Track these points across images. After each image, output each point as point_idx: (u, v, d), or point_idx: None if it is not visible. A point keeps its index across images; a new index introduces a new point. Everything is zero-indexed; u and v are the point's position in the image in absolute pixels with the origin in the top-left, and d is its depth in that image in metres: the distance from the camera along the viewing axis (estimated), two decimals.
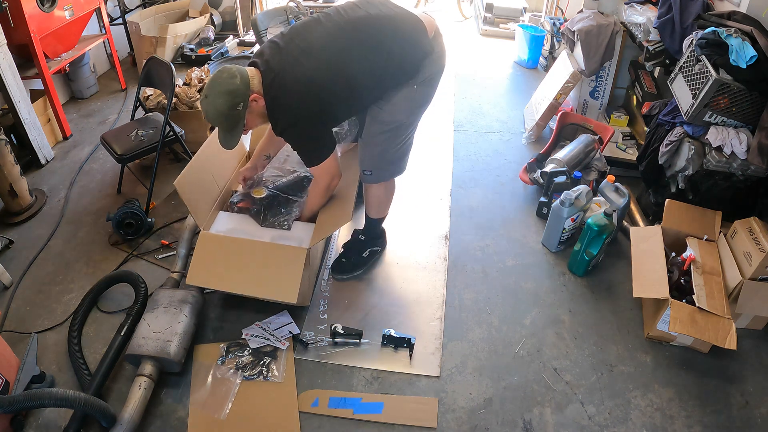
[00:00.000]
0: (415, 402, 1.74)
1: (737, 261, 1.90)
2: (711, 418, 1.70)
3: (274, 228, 2.03)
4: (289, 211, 2.08)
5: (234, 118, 1.65)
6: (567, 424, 1.68)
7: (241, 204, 2.11)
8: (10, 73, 2.65)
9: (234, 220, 2.07)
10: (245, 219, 2.07)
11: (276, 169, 2.25)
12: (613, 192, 2.28)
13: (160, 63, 2.55)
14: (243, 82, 1.61)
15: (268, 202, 2.09)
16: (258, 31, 3.16)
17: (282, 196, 2.12)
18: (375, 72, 1.70)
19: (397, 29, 1.71)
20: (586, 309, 2.08)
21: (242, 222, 2.06)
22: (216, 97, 1.61)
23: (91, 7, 3.29)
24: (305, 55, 1.64)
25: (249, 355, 1.85)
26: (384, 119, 1.80)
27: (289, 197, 2.12)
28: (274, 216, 2.07)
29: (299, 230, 2.04)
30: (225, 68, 1.64)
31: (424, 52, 1.74)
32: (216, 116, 1.64)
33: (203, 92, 1.66)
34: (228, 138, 1.71)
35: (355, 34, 1.68)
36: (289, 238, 1.99)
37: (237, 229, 2.02)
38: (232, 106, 1.62)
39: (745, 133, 1.94)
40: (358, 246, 2.21)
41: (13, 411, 1.46)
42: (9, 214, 2.53)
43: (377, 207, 2.10)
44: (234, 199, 2.13)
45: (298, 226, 2.05)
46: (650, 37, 2.57)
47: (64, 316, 2.03)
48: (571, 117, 2.95)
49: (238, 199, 2.13)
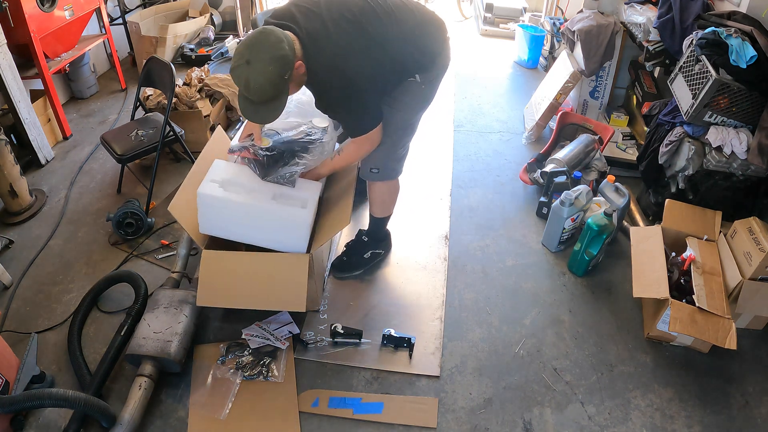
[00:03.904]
0: (415, 402, 1.74)
1: (737, 261, 1.90)
2: (711, 418, 1.70)
3: (277, 183, 1.85)
4: (295, 165, 1.86)
5: (281, 87, 1.53)
6: (567, 424, 1.68)
7: (242, 153, 1.90)
8: (10, 73, 2.65)
9: (231, 170, 1.87)
10: (244, 170, 1.88)
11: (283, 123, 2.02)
12: (613, 192, 2.28)
13: (160, 63, 2.55)
14: (290, 47, 1.50)
15: (272, 154, 1.86)
16: None
17: (288, 151, 1.88)
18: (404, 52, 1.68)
19: (425, 19, 1.73)
20: (586, 309, 2.08)
21: (240, 173, 1.87)
22: (264, 63, 1.47)
23: (91, 7, 3.29)
24: (346, 21, 1.59)
25: (249, 355, 1.85)
26: (390, 117, 1.79)
27: (295, 152, 1.89)
28: (277, 170, 1.85)
29: (303, 189, 1.86)
30: (268, 30, 1.51)
31: (440, 48, 1.76)
32: (263, 85, 1.50)
33: (239, 57, 1.49)
34: (269, 110, 1.58)
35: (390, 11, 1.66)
36: (291, 196, 1.82)
37: (233, 181, 1.82)
38: (282, 74, 1.50)
39: (745, 133, 1.94)
40: (360, 246, 2.21)
41: (13, 411, 1.46)
42: (9, 214, 2.53)
43: (381, 205, 2.10)
44: (234, 147, 1.92)
45: (302, 184, 1.88)
46: (650, 37, 2.57)
47: (64, 316, 2.03)
48: (571, 117, 2.95)
49: (238, 147, 1.91)
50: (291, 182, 1.85)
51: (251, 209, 1.79)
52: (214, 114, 3.03)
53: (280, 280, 1.80)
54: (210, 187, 1.79)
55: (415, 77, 1.75)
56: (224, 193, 1.78)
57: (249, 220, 1.81)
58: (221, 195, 1.77)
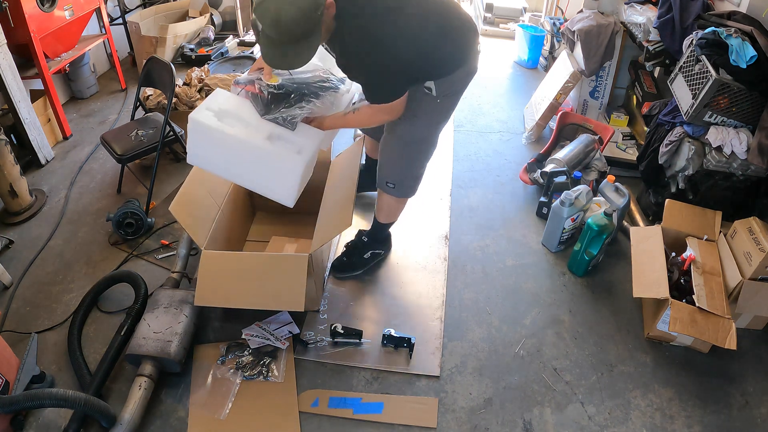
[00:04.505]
0: (415, 402, 1.74)
1: (737, 261, 1.90)
2: (711, 418, 1.70)
3: (276, 123, 1.72)
4: (299, 108, 1.72)
5: (313, 23, 1.38)
6: (567, 424, 1.68)
7: (247, 87, 1.77)
8: (10, 73, 2.65)
9: (232, 102, 1.76)
10: (245, 104, 1.77)
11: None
12: (613, 192, 2.28)
13: (160, 63, 2.55)
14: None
15: (278, 93, 1.73)
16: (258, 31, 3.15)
17: (297, 92, 1.75)
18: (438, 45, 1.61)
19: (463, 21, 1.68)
20: (586, 309, 2.08)
21: (241, 106, 1.76)
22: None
23: (91, 7, 3.29)
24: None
25: (249, 355, 1.85)
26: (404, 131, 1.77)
27: (304, 96, 1.75)
28: (280, 109, 1.73)
29: (303, 134, 1.74)
30: None
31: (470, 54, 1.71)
32: (296, 18, 1.35)
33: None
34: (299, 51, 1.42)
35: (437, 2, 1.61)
36: (288, 139, 1.70)
37: (231, 113, 1.71)
38: (315, 7, 1.36)
39: (745, 133, 1.94)
40: (360, 247, 2.20)
41: (13, 411, 1.46)
42: (9, 214, 2.53)
43: (387, 213, 2.10)
44: (240, 80, 1.80)
45: (303, 130, 1.75)
46: (650, 37, 2.57)
47: (64, 316, 2.03)
48: (571, 117, 2.95)
49: (244, 80, 1.79)
50: (291, 125, 1.71)
51: (243, 145, 1.68)
52: None
53: (279, 280, 1.80)
54: (204, 115, 1.68)
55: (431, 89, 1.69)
56: (218, 124, 1.67)
57: (239, 157, 1.71)
58: (214, 125, 1.67)
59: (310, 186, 2.32)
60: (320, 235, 1.87)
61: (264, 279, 1.81)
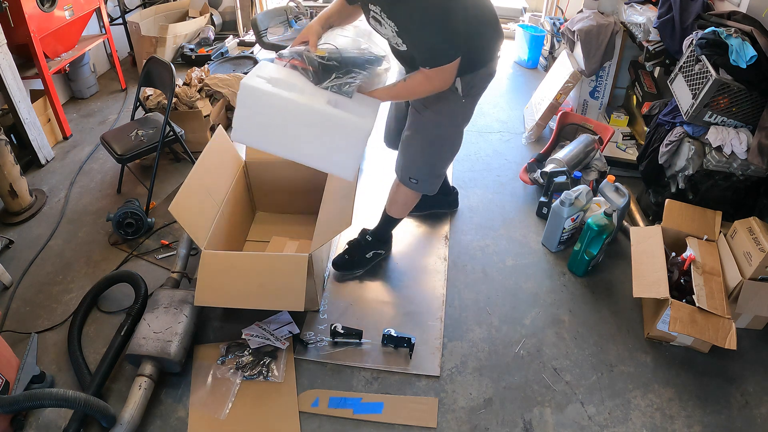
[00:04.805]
0: (415, 402, 1.74)
1: (737, 261, 1.90)
2: (711, 418, 1.70)
3: (332, 91, 1.63)
4: (350, 78, 1.64)
5: None
6: (567, 424, 1.68)
7: (293, 61, 1.68)
8: (10, 73, 2.65)
9: (282, 72, 1.64)
10: (294, 74, 1.65)
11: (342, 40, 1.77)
12: (613, 192, 2.28)
13: (160, 63, 2.55)
14: None
15: (328, 63, 1.63)
16: (258, 31, 3.16)
17: (344, 64, 1.66)
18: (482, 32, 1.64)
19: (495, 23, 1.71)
20: (586, 309, 2.08)
21: (291, 75, 1.64)
22: None
23: (91, 7, 3.29)
24: None
25: (249, 355, 1.85)
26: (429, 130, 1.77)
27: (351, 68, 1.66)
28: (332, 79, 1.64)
29: (361, 102, 1.64)
30: None
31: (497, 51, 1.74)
32: None
33: None
34: None
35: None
36: (348, 106, 1.59)
37: (284, 81, 1.59)
38: None
39: (745, 133, 1.94)
40: (363, 245, 2.20)
41: (13, 411, 1.46)
42: (9, 214, 2.53)
43: (401, 207, 2.09)
44: (284, 54, 1.69)
45: (359, 97, 1.66)
46: (650, 37, 2.57)
47: (64, 316, 2.03)
48: (571, 117, 2.95)
49: (289, 54, 1.68)
50: (348, 93, 1.63)
51: (303, 111, 1.55)
52: (214, 114, 3.03)
53: (279, 280, 1.80)
54: (257, 81, 1.54)
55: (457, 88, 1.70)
56: (274, 89, 1.54)
57: (297, 125, 1.58)
58: (271, 90, 1.53)
59: (310, 186, 2.34)
60: (320, 235, 1.87)
61: (264, 279, 1.81)
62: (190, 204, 1.92)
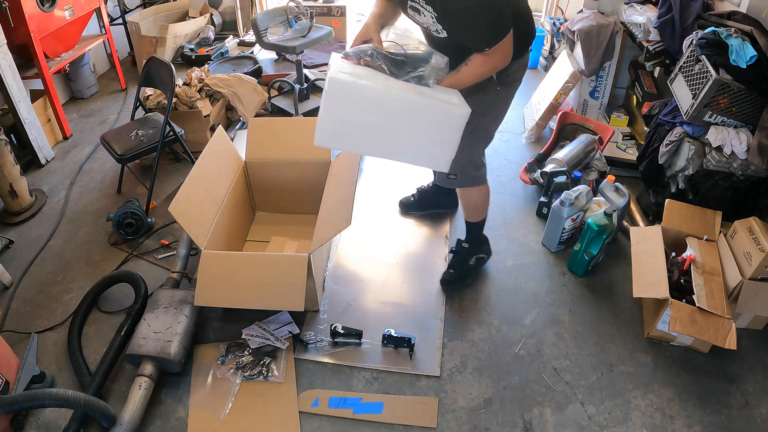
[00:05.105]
0: (415, 402, 1.74)
1: (737, 261, 1.90)
2: (711, 418, 1.70)
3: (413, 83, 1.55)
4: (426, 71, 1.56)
5: None
6: (567, 424, 1.68)
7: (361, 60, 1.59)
8: (10, 73, 2.65)
9: (359, 68, 1.54)
10: (369, 69, 1.56)
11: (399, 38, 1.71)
12: (613, 192, 2.28)
13: (160, 63, 2.55)
14: None
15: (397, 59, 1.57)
16: (258, 31, 3.16)
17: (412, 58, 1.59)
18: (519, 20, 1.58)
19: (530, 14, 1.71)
20: (586, 309, 2.08)
21: (368, 70, 1.55)
22: None
23: (91, 7, 3.29)
24: None
25: (249, 355, 1.85)
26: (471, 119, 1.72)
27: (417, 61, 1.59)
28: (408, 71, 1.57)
29: (443, 90, 1.57)
30: None
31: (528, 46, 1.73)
32: None
33: None
34: None
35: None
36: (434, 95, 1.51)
37: (365, 75, 1.49)
38: None
39: (745, 133, 1.94)
40: (463, 255, 2.15)
41: (13, 411, 1.46)
42: (9, 214, 2.53)
43: (474, 210, 2.06)
44: (350, 53, 1.60)
45: (439, 87, 1.59)
46: (650, 37, 2.57)
47: (64, 316, 2.03)
48: (571, 117, 2.95)
49: (355, 53, 1.59)
50: (428, 84, 1.56)
51: (399, 102, 1.46)
52: (214, 114, 3.03)
53: (279, 280, 1.80)
54: (344, 76, 1.44)
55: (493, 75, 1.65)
56: (366, 83, 1.44)
57: (391, 120, 1.49)
58: (362, 82, 1.44)
59: (310, 186, 2.34)
60: (320, 235, 1.87)
61: (264, 279, 1.81)
62: (190, 204, 1.92)
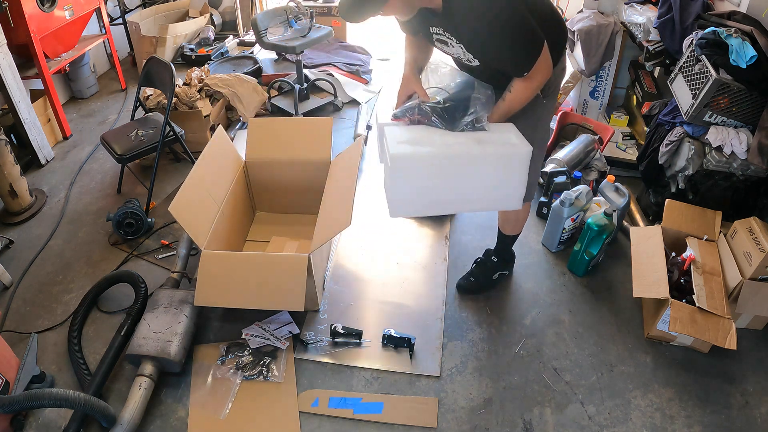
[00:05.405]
0: (415, 402, 1.74)
1: (737, 261, 1.90)
2: (711, 418, 1.70)
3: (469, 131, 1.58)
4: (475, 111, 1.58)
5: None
6: (567, 424, 1.68)
7: (412, 117, 1.63)
8: (10, 73, 2.65)
9: (410, 131, 1.58)
10: (422, 128, 1.60)
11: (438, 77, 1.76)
12: (613, 192, 2.28)
13: (160, 63, 2.55)
14: None
15: (448, 106, 1.59)
16: (258, 31, 3.16)
17: (461, 100, 1.61)
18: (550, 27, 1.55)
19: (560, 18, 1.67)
20: (586, 309, 2.08)
21: (422, 131, 1.59)
22: None
23: (91, 7, 3.29)
24: None
25: (249, 355, 1.85)
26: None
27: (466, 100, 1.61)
28: (461, 119, 1.58)
29: (500, 130, 1.60)
30: None
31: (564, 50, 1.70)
32: None
33: None
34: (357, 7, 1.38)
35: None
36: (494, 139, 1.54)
37: (422, 139, 1.53)
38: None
39: (745, 133, 1.94)
40: (490, 267, 2.13)
41: (13, 411, 1.46)
42: (9, 214, 2.53)
43: (514, 223, 2.01)
44: (399, 113, 1.65)
45: (494, 127, 1.62)
46: (650, 37, 2.57)
47: (64, 316, 2.03)
48: (571, 117, 2.94)
49: (403, 112, 1.64)
50: (483, 127, 1.58)
51: (462, 161, 1.50)
52: (214, 114, 3.03)
53: (279, 280, 1.80)
54: (404, 148, 1.46)
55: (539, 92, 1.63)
56: (428, 150, 1.48)
57: (457, 177, 1.53)
58: (426, 152, 1.47)
59: (310, 186, 2.34)
60: (320, 235, 1.87)
61: (264, 279, 1.81)
62: (190, 204, 1.92)
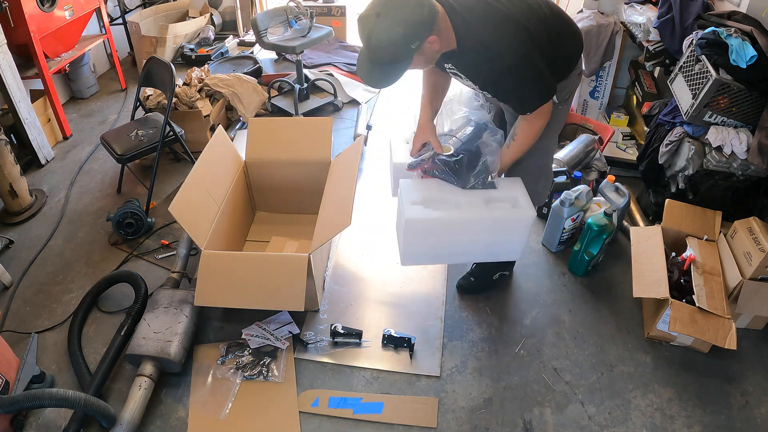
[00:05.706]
0: (415, 402, 1.74)
1: (737, 261, 1.90)
2: (711, 418, 1.70)
3: (480, 189, 1.72)
4: (485, 165, 1.70)
5: (403, 54, 1.39)
6: (567, 424, 1.68)
7: (425, 167, 1.77)
8: (10, 73, 2.65)
9: (424, 188, 1.73)
10: (435, 184, 1.75)
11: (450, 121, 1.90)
12: (613, 192, 2.28)
13: (160, 63, 2.55)
14: (431, 15, 1.35)
15: (460, 160, 1.71)
16: (258, 31, 3.16)
17: (472, 152, 1.73)
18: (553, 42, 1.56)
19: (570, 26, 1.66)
20: (586, 309, 2.08)
21: (435, 188, 1.73)
22: (394, 22, 1.33)
23: (91, 7, 3.29)
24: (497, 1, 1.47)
25: (249, 355, 1.85)
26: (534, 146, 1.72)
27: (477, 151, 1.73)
28: (471, 175, 1.71)
29: (507, 187, 1.74)
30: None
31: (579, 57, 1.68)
32: (384, 44, 1.36)
33: (372, 6, 1.35)
34: (383, 74, 1.44)
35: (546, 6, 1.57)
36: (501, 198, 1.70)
37: (435, 198, 1.69)
38: (409, 41, 1.35)
39: (745, 133, 1.94)
40: (490, 268, 2.13)
41: (13, 411, 1.46)
42: (9, 214, 2.53)
43: None
44: (413, 164, 1.78)
45: (502, 183, 1.76)
46: (650, 37, 2.57)
47: (64, 316, 2.03)
48: (571, 117, 2.94)
49: (417, 162, 1.77)
50: (492, 185, 1.73)
51: (470, 223, 1.69)
52: (214, 114, 3.03)
53: (279, 280, 1.80)
54: (417, 211, 1.65)
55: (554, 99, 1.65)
56: (438, 213, 1.65)
57: (465, 235, 1.71)
58: (437, 216, 1.65)
59: (310, 186, 2.34)
60: (320, 235, 1.87)
61: (264, 279, 1.81)
62: (190, 204, 1.92)
